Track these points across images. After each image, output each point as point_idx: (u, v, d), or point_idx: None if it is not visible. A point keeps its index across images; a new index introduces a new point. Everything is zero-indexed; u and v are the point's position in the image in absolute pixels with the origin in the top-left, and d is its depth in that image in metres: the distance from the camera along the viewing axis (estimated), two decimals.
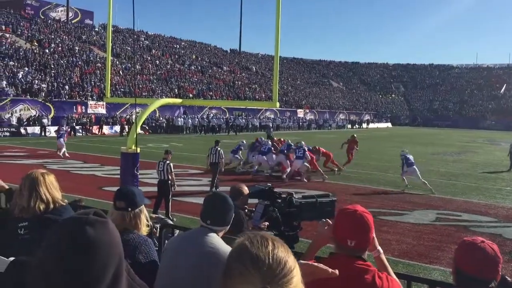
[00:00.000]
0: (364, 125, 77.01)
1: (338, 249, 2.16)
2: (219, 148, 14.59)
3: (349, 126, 73.60)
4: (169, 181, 10.73)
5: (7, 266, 2.97)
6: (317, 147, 18.96)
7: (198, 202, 12.17)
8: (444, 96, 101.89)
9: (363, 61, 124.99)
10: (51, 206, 3.21)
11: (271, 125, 47.29)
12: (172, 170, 10.81)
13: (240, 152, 19.15)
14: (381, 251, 2.32)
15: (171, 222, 6.10)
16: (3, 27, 49.14)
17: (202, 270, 2.43)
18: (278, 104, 10.41)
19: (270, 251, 1.14)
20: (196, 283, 2.42)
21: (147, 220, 2.79)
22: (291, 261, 1.16)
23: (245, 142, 19.93)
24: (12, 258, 3.03)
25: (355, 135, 21.64)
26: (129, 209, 2.71)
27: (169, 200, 10.64)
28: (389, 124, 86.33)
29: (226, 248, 2.57)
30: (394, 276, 2.24)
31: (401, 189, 15.25)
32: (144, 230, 2.77)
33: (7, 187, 3.97)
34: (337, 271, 1.80)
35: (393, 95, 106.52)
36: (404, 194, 14.51)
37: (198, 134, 43.69)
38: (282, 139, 21.46)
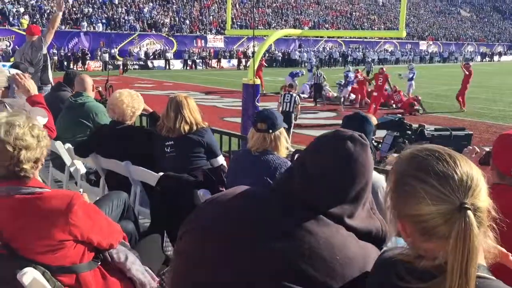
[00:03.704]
0: (496, 58, 69.74)
1: (498, 178, 1.99)
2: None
3: (479, 58, 67.22)
4: (292, 113, 10.91)
5: (157, 180, 3.26)
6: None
7: (316, 134, 12.22)
8: None
9: None
10: (194, 127, 3.42)
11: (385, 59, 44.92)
12: (299, 103, 11.19)
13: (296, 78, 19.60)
14: None
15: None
16: None
17: None
18: (404, 33, 9.71)
19: (454, 165, 1.05)
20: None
21: (287, 142, 2.84)
22: (476, 171, 1.06)
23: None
24: (161, 173, 3.32)
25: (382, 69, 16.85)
26: (270, 131, 2.76)
27: (291, 131, 10.85)
28: None
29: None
30: None
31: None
32: (283, 152, 2.83)
33: (151, 110, 4.29)
34: None
35: None
36: None
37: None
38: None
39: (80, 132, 4.30)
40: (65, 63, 32.16)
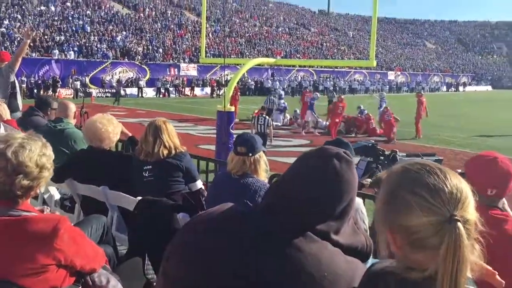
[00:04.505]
0: (461, 88, 72.34)
1: None
2: None
3: (444, 88, 69.57)
4: (266, 135, 11.43)
5: (136, 204, 3.24)
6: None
7: (290, 162, 12.31)
8: None
9: (461, 19, 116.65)
10: (173, 152, 3.43)
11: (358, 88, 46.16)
12: (271, 124, 11.82)
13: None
14: (505, 201, 2.19)
15: None
16: None
17: None
18: (375, 63, 10.00)
19: (444, 178, 1.08)
20: None
21: (266, 166, 2.87)
22: (465, 185, 1.10)
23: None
24: (139, 198, 3.30)
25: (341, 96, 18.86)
26: (250, 154, 2.80)
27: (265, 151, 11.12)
28: (489, 87, 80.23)
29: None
30: None
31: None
32: (263, 175, 2.86)
33: (130, 134, 4.27)
34: (503, 282, 1.63)
35: (495, 56, 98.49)
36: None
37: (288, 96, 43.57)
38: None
39: (57, 159, 4.22)
40: (35, 90, 31.65)
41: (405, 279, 1.07)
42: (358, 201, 2.74)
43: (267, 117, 11.95)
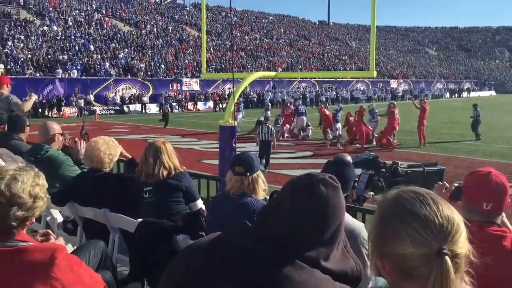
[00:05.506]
0: (465, 94, 72.19)
1: (469, 214, 2.05)
2: None
3: (448, 95, 69.50)
4: (271, 141, 12.74)
5: (136, 227, 3.24)
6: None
7: (293, 174, 12.29)
8: None
9: (462, 25, 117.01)
10: (172, 172, 3.44)
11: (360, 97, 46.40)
12: (274, 132, 13.16)
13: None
14: (504, 213, 2.18)
15: None
16: (104, 11, 52.33)
17: None
18: (375, 73, 10.00)
19: (436, 210, 1.07)
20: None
21: (265, 185, 2.87)
22: (457, 216, 1.09)
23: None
24: (140, 220, 3.30)
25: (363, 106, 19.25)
26: (248, 173, 2.80)
27: (269, 157, 12.69)
28: (493, 92, 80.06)
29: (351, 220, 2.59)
30: None
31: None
32: (261, 194, 2.86)
33: (129, 156, 4.29)
34: None
35: (497, 61, 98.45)
36: None
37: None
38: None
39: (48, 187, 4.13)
40: (40, 110, 31.87)
41: None
42: (360, 226, 2.66)
43: (270, 125, 13.08)
